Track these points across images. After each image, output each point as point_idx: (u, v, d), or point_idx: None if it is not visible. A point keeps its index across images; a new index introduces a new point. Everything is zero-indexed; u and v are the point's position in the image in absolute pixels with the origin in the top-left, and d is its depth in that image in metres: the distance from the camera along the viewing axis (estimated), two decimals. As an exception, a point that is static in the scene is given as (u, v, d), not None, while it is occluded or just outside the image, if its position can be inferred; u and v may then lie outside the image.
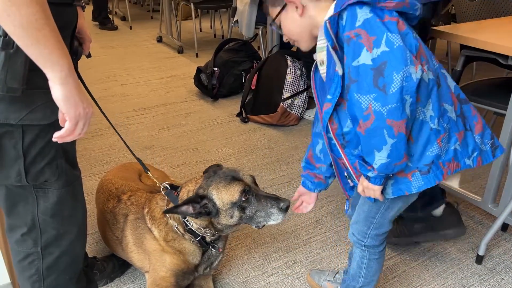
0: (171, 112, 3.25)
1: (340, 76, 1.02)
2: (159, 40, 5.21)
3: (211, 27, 5.69)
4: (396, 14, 1.00)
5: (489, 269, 1.76)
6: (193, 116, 3.18)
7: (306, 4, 1.09)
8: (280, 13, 1.14)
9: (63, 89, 0.91)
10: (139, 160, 1.51)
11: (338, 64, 1.01)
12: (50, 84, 0.90)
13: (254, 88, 3.22)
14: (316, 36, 1.09)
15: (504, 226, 1.95)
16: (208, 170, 1.43)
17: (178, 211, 1.31)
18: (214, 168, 1.39)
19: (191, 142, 2.79)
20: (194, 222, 1.36)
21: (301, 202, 1.48)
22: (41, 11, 0.82)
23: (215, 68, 3.44)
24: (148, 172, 1.51)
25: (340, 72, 1.01)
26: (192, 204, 1.29)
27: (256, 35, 3.79)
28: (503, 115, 1.74)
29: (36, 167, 1.08)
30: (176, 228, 1.40)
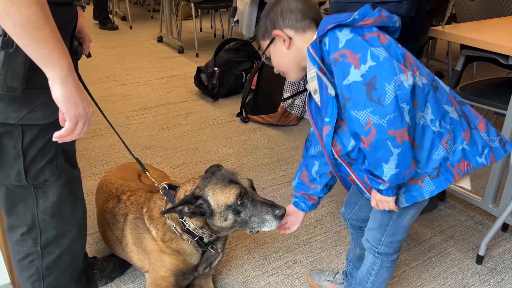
0: (171, 112, 3.25)
1: (334, 97, 1.03)
2: (160, 40, 5.21)
3: (211, 27, 5.69)
4: (376, 29, 1.03)
5: (489, 269, 1.76)
6: (193, 116, 3.18)
7: (293, 37, 1.12)
8: (269, 46, 1.16)
9: (63, 88, 0.91)
10: (138, 160, 1.51)
11: (330, 86, 1.03)
12: (50, 83, 0.90)
13: (254, 88, 3.22)
14: (305, 67, 1.12)
15: (505, 226, 1.95)
16: (208, 170, 1.43)
17: (174, 210, 1.31)
18: (213, 169, 1.39)
19: (191, 142, 2.79)
20: (191, 223, 1.36)
21: (285, 222, 1.41)
22: (41, 11, 0.82)
23: (216, 68, 3.43)
24: (146, 172, 1.51)
25: (333, 93, 1.03)
26: (187, 204, 1.29)
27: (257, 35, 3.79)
28: (503, 115, 1.75)
29: (36, 166, 1.08)
30: (174, 228, 1.40)
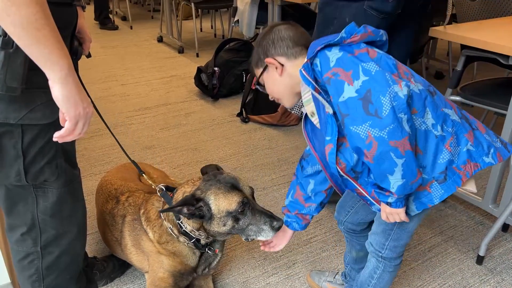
0: (171, 112, 3.25)
1: (332, 115, 1.03)
2: (160, 40, 5.21)
3: (211, 27, 5.69)
4: (364, 45, 1.05)
5: (489, 269, 1.76)
6: (193, 116, 3.18)
7: (284, 64, 1.13)
8: (262, 74, 1.18)
9: (63, 88, 0.91)
10: (134, 162, 1.51)
11: (327, 105, 1.03)
12: (50, 83, 0.90)
13: (254, 88, 3.21)
14: (298, 92, 1.13)
15: (505, 227, 1.95)
16: (205, 170, 1.42)
17: (173, 210, 1.30)
18: (213, 170, 1.39)
19: (192, 142, 2.79)
20: (188, 224, 1.36)
21: (271, 240, 1.38)
22: (41, 11, 0.82)
23: (216, 68, 3.43)
24: (143, 175, 1.51)
25: (331, 111, 1.03)
26: (187, 205, 1.28)
27: (257, 35, 3.78)
28: (503, 115, 1.75)
29: (35, 166, 1.08)
30: (171, 230, 1.39)
